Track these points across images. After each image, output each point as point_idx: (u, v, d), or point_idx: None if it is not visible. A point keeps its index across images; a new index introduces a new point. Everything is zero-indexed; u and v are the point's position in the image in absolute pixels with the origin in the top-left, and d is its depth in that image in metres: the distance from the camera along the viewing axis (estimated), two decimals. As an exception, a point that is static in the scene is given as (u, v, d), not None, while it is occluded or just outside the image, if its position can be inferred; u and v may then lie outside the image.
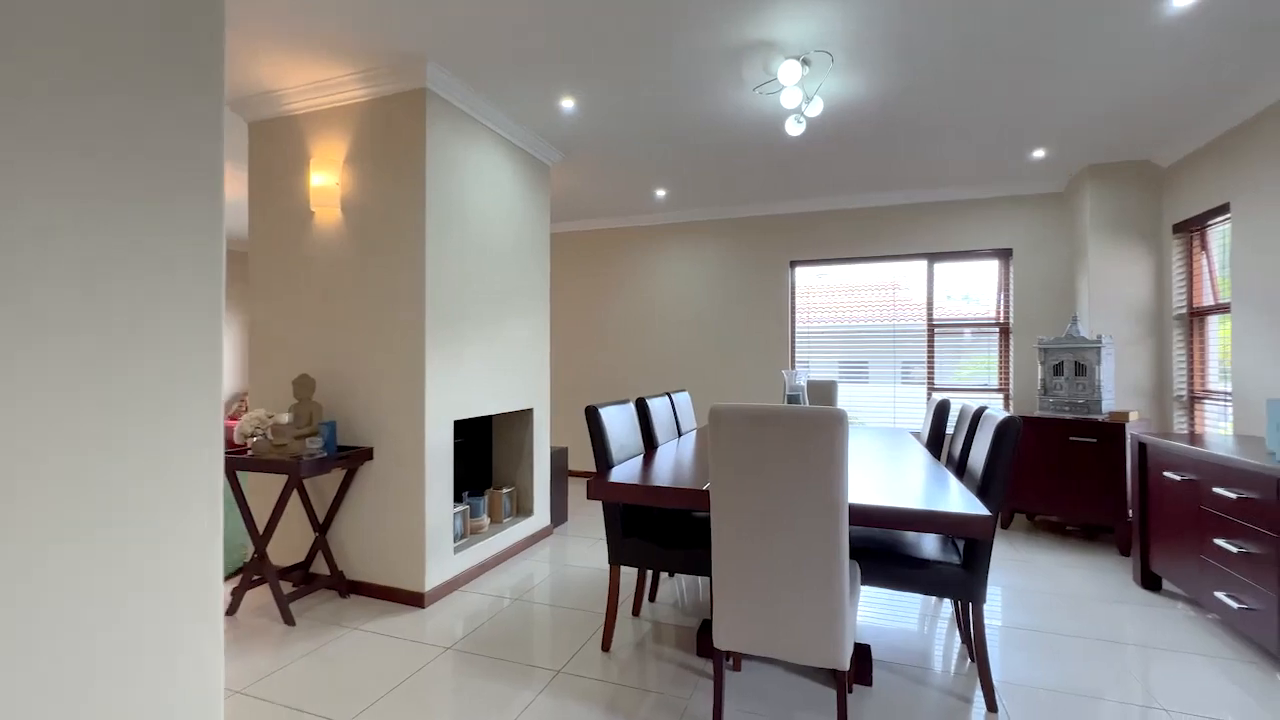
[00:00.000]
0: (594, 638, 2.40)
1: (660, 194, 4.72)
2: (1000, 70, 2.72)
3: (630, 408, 2.77)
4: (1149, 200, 3.89)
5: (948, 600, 2.72)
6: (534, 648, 2.31)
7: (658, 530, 2.35)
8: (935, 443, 2.94)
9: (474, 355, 3.07)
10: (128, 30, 0.93)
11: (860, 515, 1.70)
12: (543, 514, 3.75)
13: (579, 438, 5.73)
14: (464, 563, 2.98)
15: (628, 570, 3.13)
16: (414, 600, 2.71)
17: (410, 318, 2.74)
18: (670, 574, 3.11)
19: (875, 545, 2.12)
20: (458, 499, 3.46)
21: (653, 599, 2.79)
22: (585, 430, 5.72)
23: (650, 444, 2.89)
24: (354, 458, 2.72)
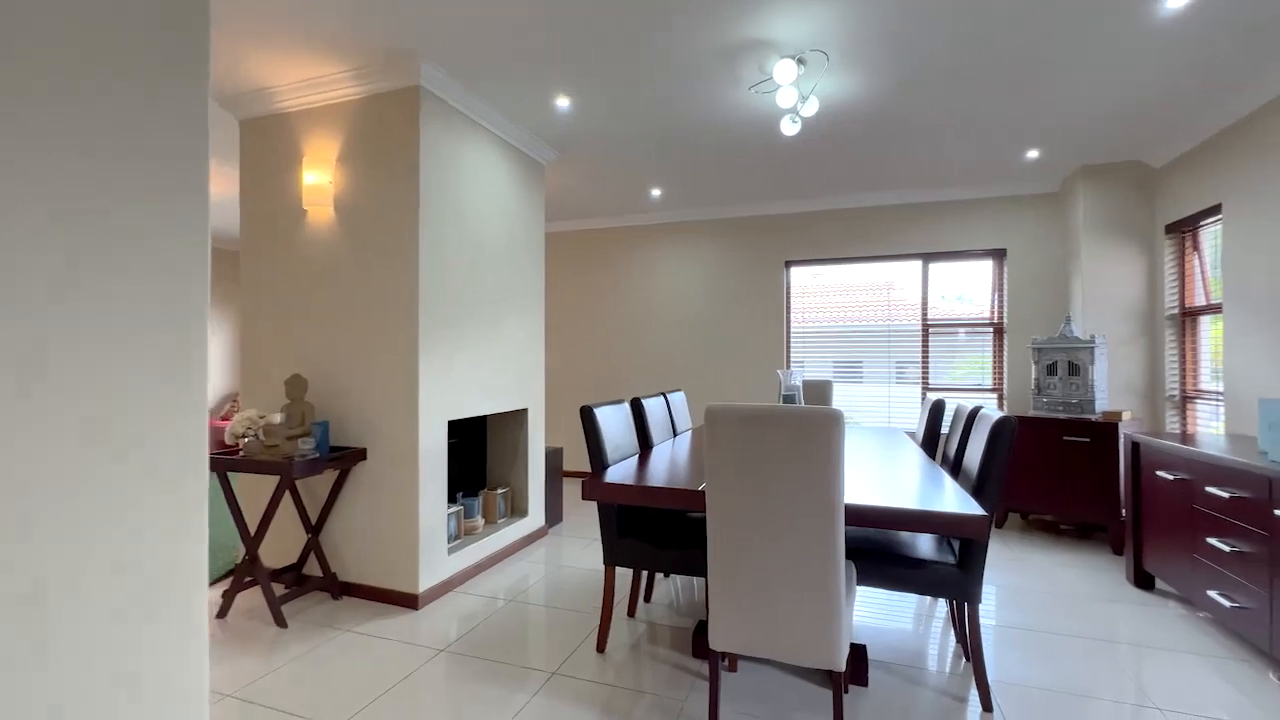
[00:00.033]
0: (589, 639, 2.39)
1: (655, 193, 4.71)
2: (994, 71, 2.73)
3: (625, 408, 2.76)
4: (1142, 201, 3.91)
5: (943, 600, 2.73)
6: (528, 649, 2.30)
7: (653, 531, 2.34)
8: (930, 442, 2.94)
9: (468, 355, 3.05)
10: (109, 27, 0.91)
11: (856, 515, 1.70)
12: (537, 515, 3.73)
13: (574, 438, 5.72)
14: (458, 564, 2.97)
15: (623, 571, 3.12)
16: (407, 602, 2.69)
17: (404, 317, 2.72)
18: (665, 575, 3.10)
19: (870, 545, 2.12)
20: (452, 500, 3.44)
21: (648, 600, 2.78)
22: (580, 430, 5.71)
23: (645, 444, 2.88)
24: (347, 458, 2.70)
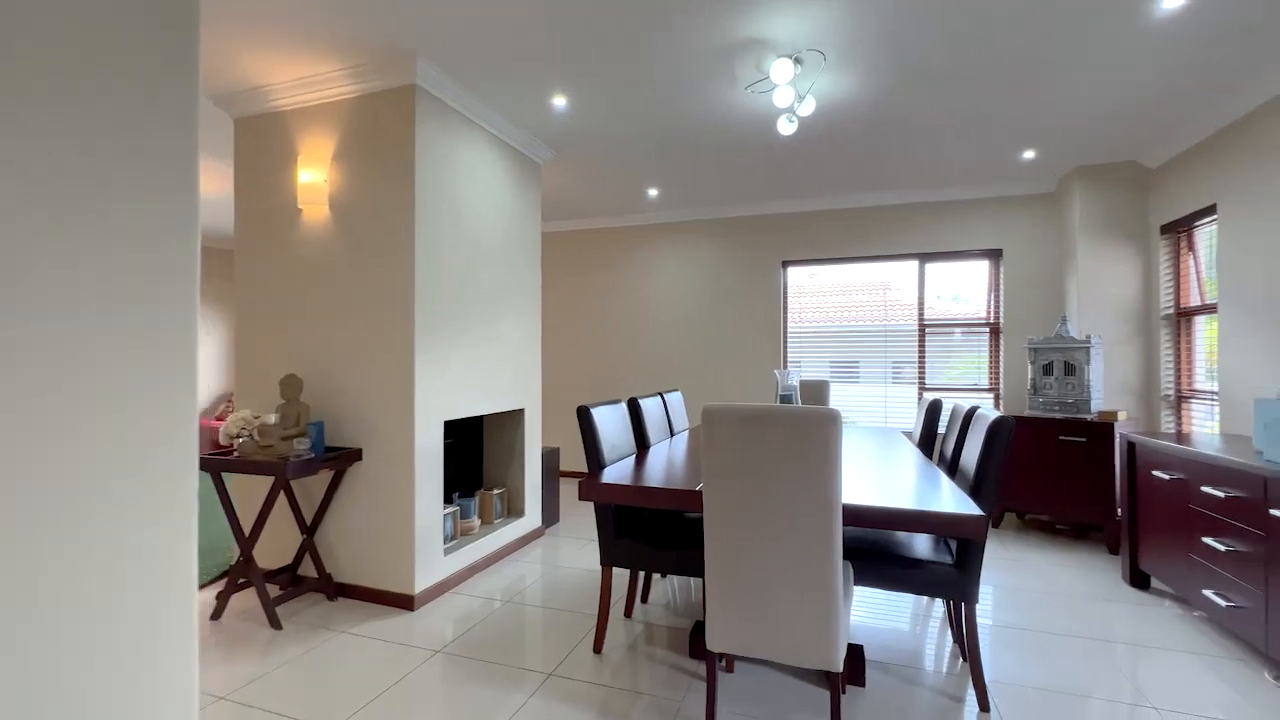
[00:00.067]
0: (585, 640, 2.38)
1: (652, 193, 4.70)
2: (990, 71, 2.73)
3: (622, 408, 2.76)
4: (1137, 201, 3.93)
5: (940, 599, 2.73)
6: (525, 650, 2.29)
7: (650, 531, 2.33)
8: (927, 442, 2.94)
9: (464, 355, 3.04)
10: (96, 24, 0.90)
11: (853, 515, 1.69)
12: (534, 515, 3.72)
13: (571, 438, 5.71)
14: (454, 564, 2.95)
15: (620, 571, 3.11)
16: (403, 603, 2.68)
17: (399, 317, 2.71)
18: (663, 575, 3.09)
19: (868, 545, 2.11)
20: (448, 500, 3.43)
21: (645, 600, 2.78)
22: (577, 430, 5.69)
23: (642, 444, 2.88)
24: (342, 459, 2.69)
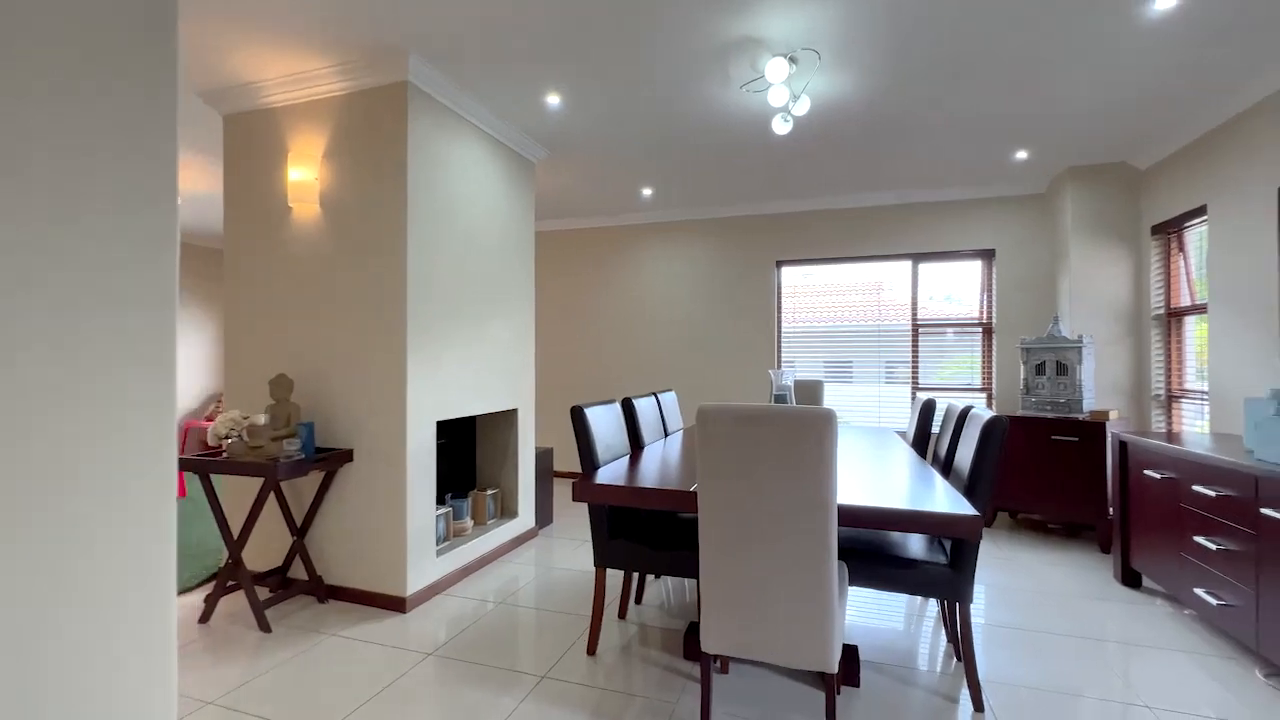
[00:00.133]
0: (579, 642, 2.36)
1: (646, 193, 4.69)
2: (984, 71, 2.74)
3: (616, 408, 2.74)
4: (1128, 202, 3.95)
5: (933, 599, 2.73)
6: (518, 652, 2.27)
7: (644, 532, 2.32)
8: (921, 442, 2.95)
9: (457, 355, 3.02)
10: (78, 24, 0.88)
11: (848, 516, 1.69)
12: (527, 516, 3.70)
13: (564, 438, 5.68)
14: (446, 566, 2.93)
15: (614, 573, 3.10)
16: (395, 605, 2.65)
17: (391, 316, 2.69)
18: (657, 576, 3.09)
19: (862, 545, 2.11)
20: (440, 501, 3.40)
21: (639, 601, 2.76)
22: (571, 431, 5.67)
23: (637, 444, 2.86)
24: (333, 459, 2.66)
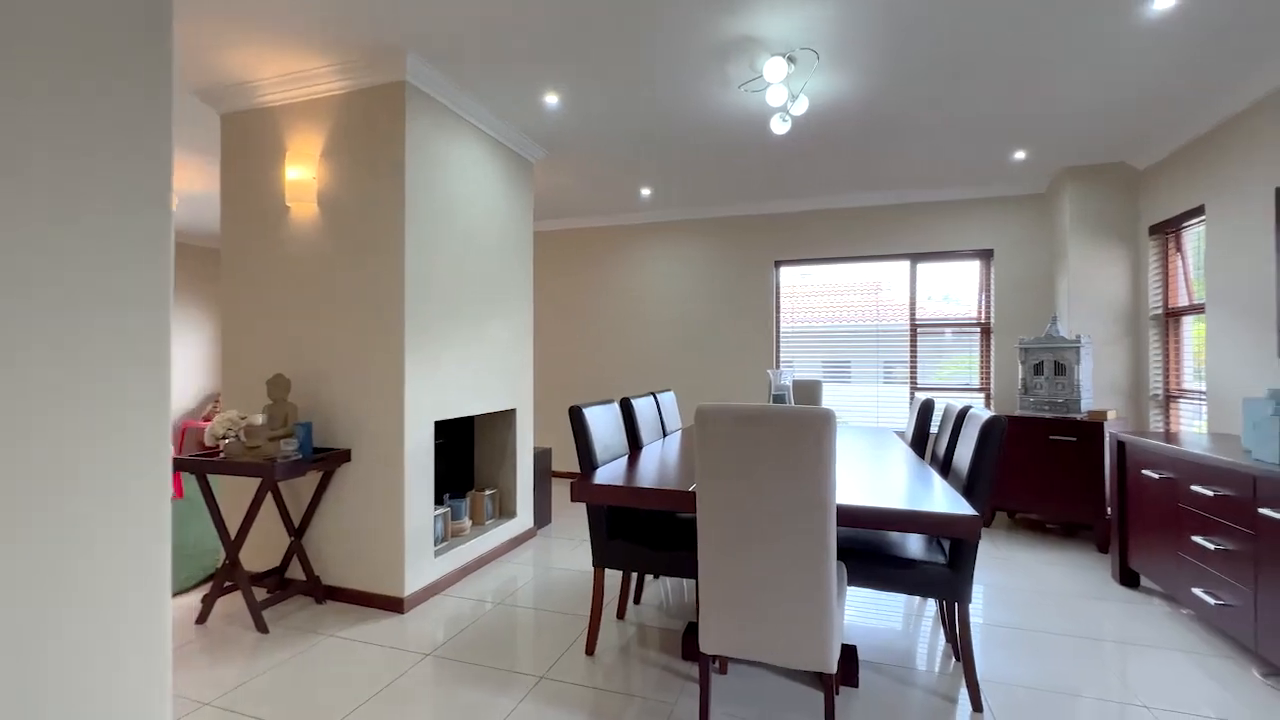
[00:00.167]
0: (578, 642, 2.36)
1: (645, 193, 4.69)
2: (982, 71, 2.74)
3: (615, 408, 2.74)
4: (1126, 202, 3.95)
5: (932, 599, 2.73)
6: (516, 653, 2.27)
7: (643, 532, 2.31)
8: (919, 442, 2.95)
9: (455, 354, 3.01)
10: (77, 24, 0.87)
11: (847, 516, 1.68)
12: (526, 516, 3.70)
13: (563, 438, 5.68)
14: (445, 566, 2.92)
15: (612, 573, 3.10)
16: (393, 605, 2.65)
17: (389, 316, 2.68)
18: (655, 576, 3.08)
19: (860, 545, 2.11)
20: (439, 501, 3.40)
21: (637, 602, 2.76)
22: (569, 431, 5.67)
23: (635, 444, 2.86)
24: (331, 459, 2.65)
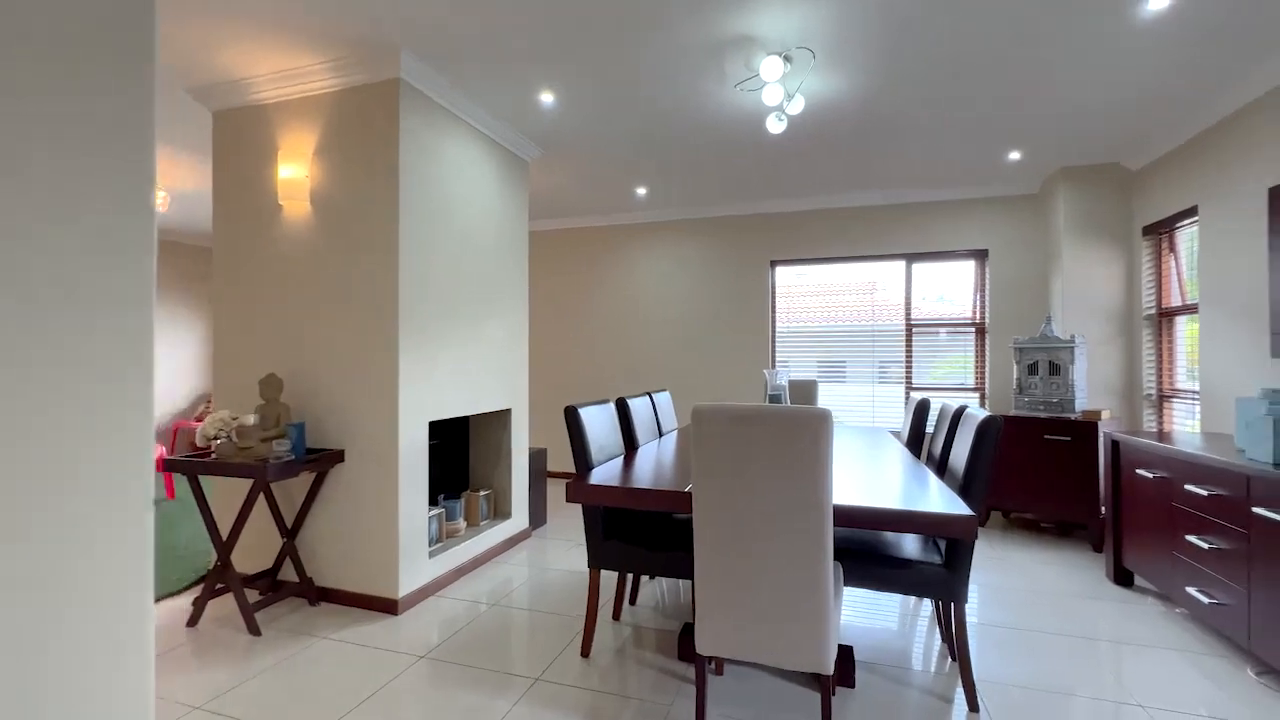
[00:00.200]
0: (573, 643, 2.35)
1: (641, 192, 4.68)
2: (978, 72, 2.74)
3: (610, 408, 2.73)
4: (1120, 203, 3.97)
5: (928, 599, 2.73)
6: (511, 655, 2.25)
7: (639, 533, 2.30)
8: (915, 442, 2.95)
9: (450, 354, 2.99)
10: (66, 21, 0.85)
11: (844, 516, 1.68)
12: (521, 516, 3.68)
13: (558, 438, 5.66)
14: (439, 567, 2.91)
15: (608, 574, 3.08)
16: (387, 607, 2.62)
17: (383, 315, 2.66)
18: (651, 577, 3.07)
19: (857, 546, 2.10)
20: (433, 502, 3.38)
21: (633, 602, 2.75)
22: (564, 431, 5.65)
23: (631, 445, 2.85)
24: (324, 460, 2.63)
